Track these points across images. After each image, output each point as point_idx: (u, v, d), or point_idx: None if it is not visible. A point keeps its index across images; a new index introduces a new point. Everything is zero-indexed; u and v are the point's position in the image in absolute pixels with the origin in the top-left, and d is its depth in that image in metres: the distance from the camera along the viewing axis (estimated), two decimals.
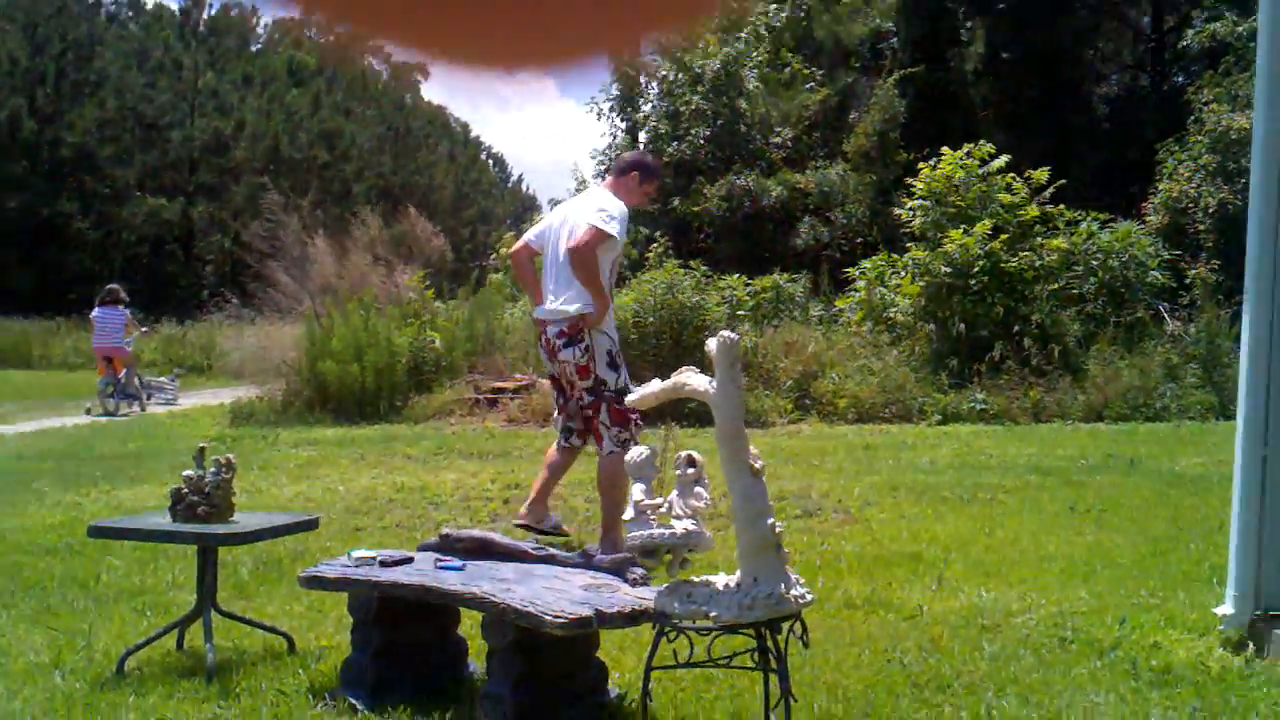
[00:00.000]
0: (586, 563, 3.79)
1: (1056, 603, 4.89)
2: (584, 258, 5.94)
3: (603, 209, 6.05)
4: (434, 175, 62.43)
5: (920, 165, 16.14)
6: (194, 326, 31.26)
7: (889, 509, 7.64)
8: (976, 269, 14.42)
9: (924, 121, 22.90)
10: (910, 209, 16.05)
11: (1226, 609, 4.32)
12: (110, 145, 52.59)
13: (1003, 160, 15.57)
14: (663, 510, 3.27)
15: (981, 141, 15.97)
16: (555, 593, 3.45)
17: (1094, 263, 15.24)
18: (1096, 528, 6.83)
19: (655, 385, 3.32)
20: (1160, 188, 18.16)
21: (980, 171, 15.55)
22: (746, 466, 3.07)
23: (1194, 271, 15.94)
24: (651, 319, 13.53)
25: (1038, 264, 14.75)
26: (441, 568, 3.79)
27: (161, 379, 17.30)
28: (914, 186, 16.11)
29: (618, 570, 3.75)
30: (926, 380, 13.82)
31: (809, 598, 3.12)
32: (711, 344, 3.13)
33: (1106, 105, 25.66)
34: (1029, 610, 4.76)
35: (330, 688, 3.80)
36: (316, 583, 3.82)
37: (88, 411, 14.83)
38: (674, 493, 3.23)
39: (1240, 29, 20.64)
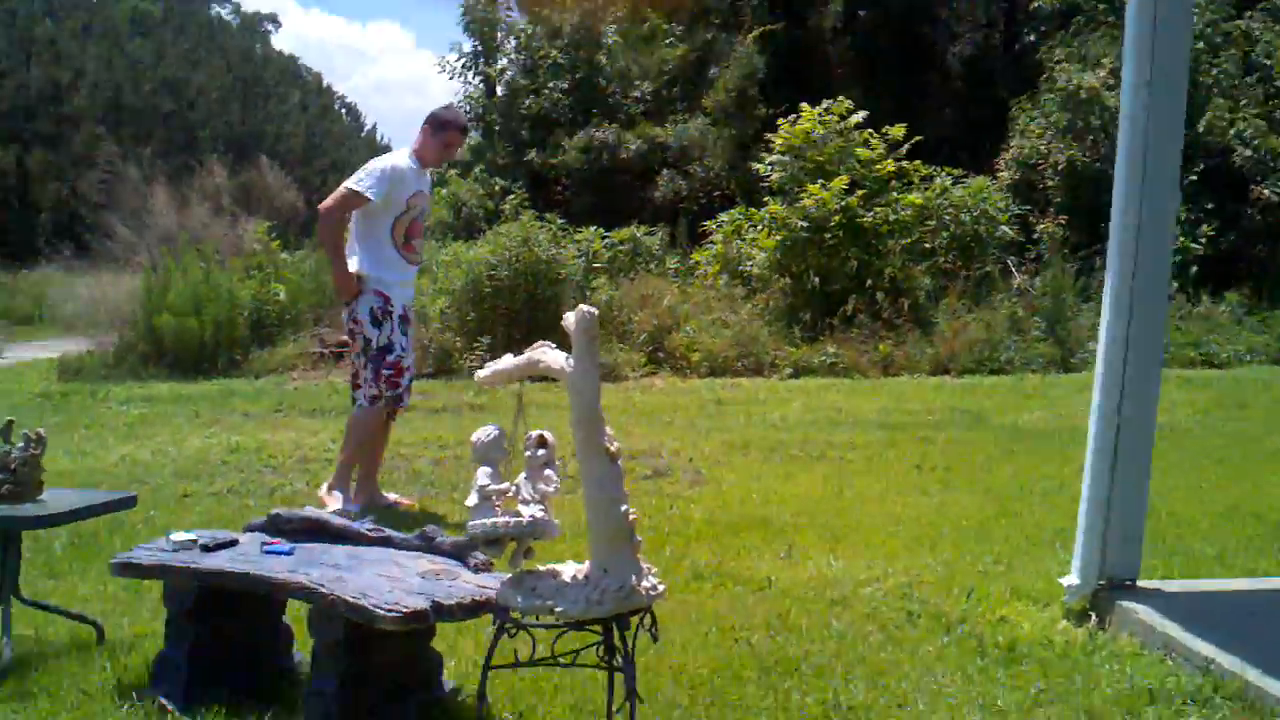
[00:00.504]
0: (427, 546, 3.58)
1: (904, 571, 4.84)
2: (324, 221, 6.18)
3: (363, 169, 6.17)
4: (284, 125, 60.63)
5: (780, 121, 16.09)
6: (26, 276, 29.92)
7: (739, 468, 7.57)
8: (833, 223, 14.45)
9: (783, 78, 22.89)
10: (769, 164, 16.02)
11: (1072, 579, 4.30)
12: None
13: (860, 116, 15.62)
14: (509, 494, 3.07)
15: (839, 98, 16.00)
16: (390, 580, 3.24)
17: (946, 217, 15.40)
18: (943, 488, 6.85)
19: (507, 361, 3.11)
20: (1012, 144, 18.43)
21: (838, 127, 15.57)
22: (602, 450, 2.88)
23: (1042, 226, 16.25)
24: (507, 272, 13.24)
25: (892, 219, 14.85)
26: (268, 551, 3.54)
27: None
28: (773, 142, 16.08)
29: (459, 554, 3.54)
30: (780, 334, 13.83)
31: (660, 589, 2.96)
32: (569, 319, 2.93)
33: (961, 64, 25.94)
34: (877, 580, 4.70)
35: (140, 685, 3.53)
36: (131, 570, 3.54)
37: None
38: (522, 475, 3.03)
39: None
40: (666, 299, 14.32)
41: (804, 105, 16.02)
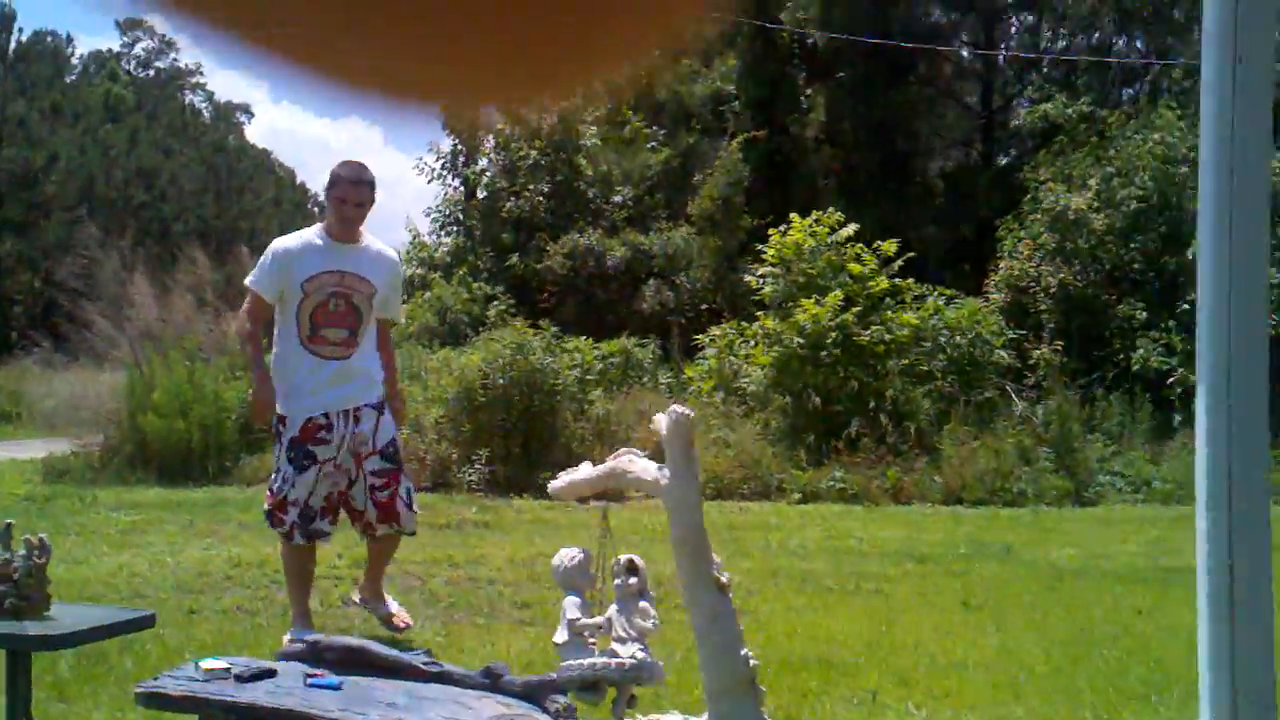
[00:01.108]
0: (493, 684, 3.18)
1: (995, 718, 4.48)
2: (236, 329, 5.89)
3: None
4: (258, 220, 60.39)
5: (770, 231, 15.96)
6: (1, 371, 29.21)
7: (773, 599, 7.23)
8: (829, 340, 14.24)
9: (767, 187, 22.92)
10: (761, 276, 15.86)
11: None
12: None
13: (851, 229, 15.51)
14: (603, 630, 2.70)
15: (830, 209, 15.92)
16: None
17: (942, 339, 15.24)
18: (997, 628, 6.50)
19: (586, 471, 2.78)
20: (1001, 265, 18.37)
21: (829, 240, 15.45)
22: (711, 581, 2.54)
23: (1038, 352, 16.09)
24: (501, 381, 12.89)
25: (888, 338, 14.66)
26: (313, 684, 3.14)
27: None
28: (764, 253, 15.94)
29: (530, 695, 3.14)
30: (783, 455, 13.51)
31: None
32: (661, 421, 2.60)
33: (942, 179, 26.14)
34: None
35: None
36: (158, 701, 3.14)
37: None
38: (613, 608, 2.67)
39: (1070, 110, 21.24)
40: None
41: (794, 215, 15.90)
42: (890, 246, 15.47)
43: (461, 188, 24.91)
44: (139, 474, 12.19)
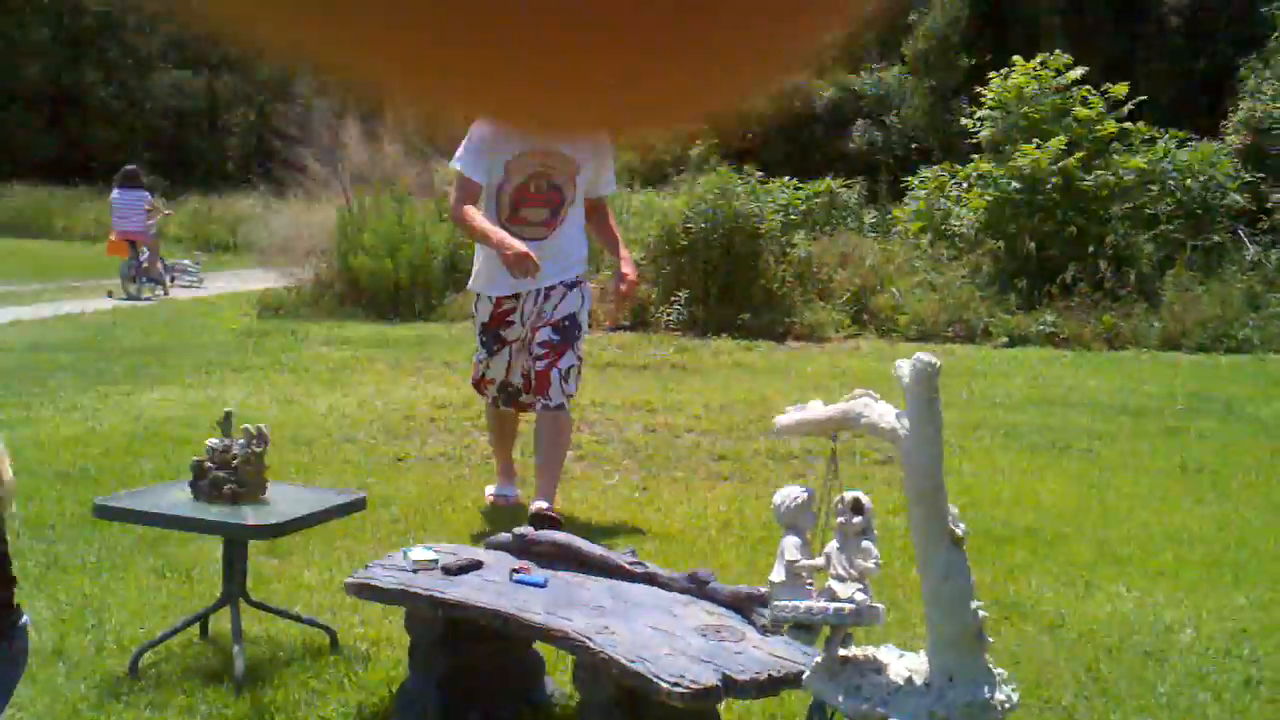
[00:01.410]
0: (699, 590, 3.08)
1: (1218, 613, 4.19)
2: (453, 217, 5.55)
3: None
4: None
5: (990, 74, 15.13)
6: (219, 202, 30.54)
7: (979, 458, 6.95)
8: (1049, 185, 13.52)
9: (986, 27, 21.75)
10: (978, 119, 15.12)
11: None
12: (133, 14, 51.28)
13: (1079, 72, 14.59)
14: (821, 569, 2.54)
15: (1057, 51, 14.98)
16: (666, 637, 2.75)
17: (1170, 183, 14.33)
18: (1217, 496, 6.12)
19: (816, 410, 2.58)
20: (1241, 106, 17.06)
21: (1054, 83, 14.57)
22: (946, 533, 2.34)
23: (1277, 195, 15.00)
24: (704, 225, 12.69)
25: (1113, 183, 13.85)
26: (519, 581, 3.09)
27: (184, 261, 16.59)
28: (983, 95, 15.17)
29: (738, 606, 3.01)
30: (992, 299, 13.03)
31: (1014, 701, 2.37)
32: (903, 368, 2.37)
33: (1179, 16, 24.31)
34: (1187, 625, 4.06)
35: (380, 710, 3.15)
36: (368, 592, 3.13)
37: (109, 295, 14.16)
38: (833, 543, 2.51)
39: None
40: (869, 258, 13.64)
41: (1016, 58, 15.04)
42: (1121, 89, 14.50)
43: None
44: (348, 310, 12.54)
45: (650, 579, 3.15)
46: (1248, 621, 4.11)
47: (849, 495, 2.54)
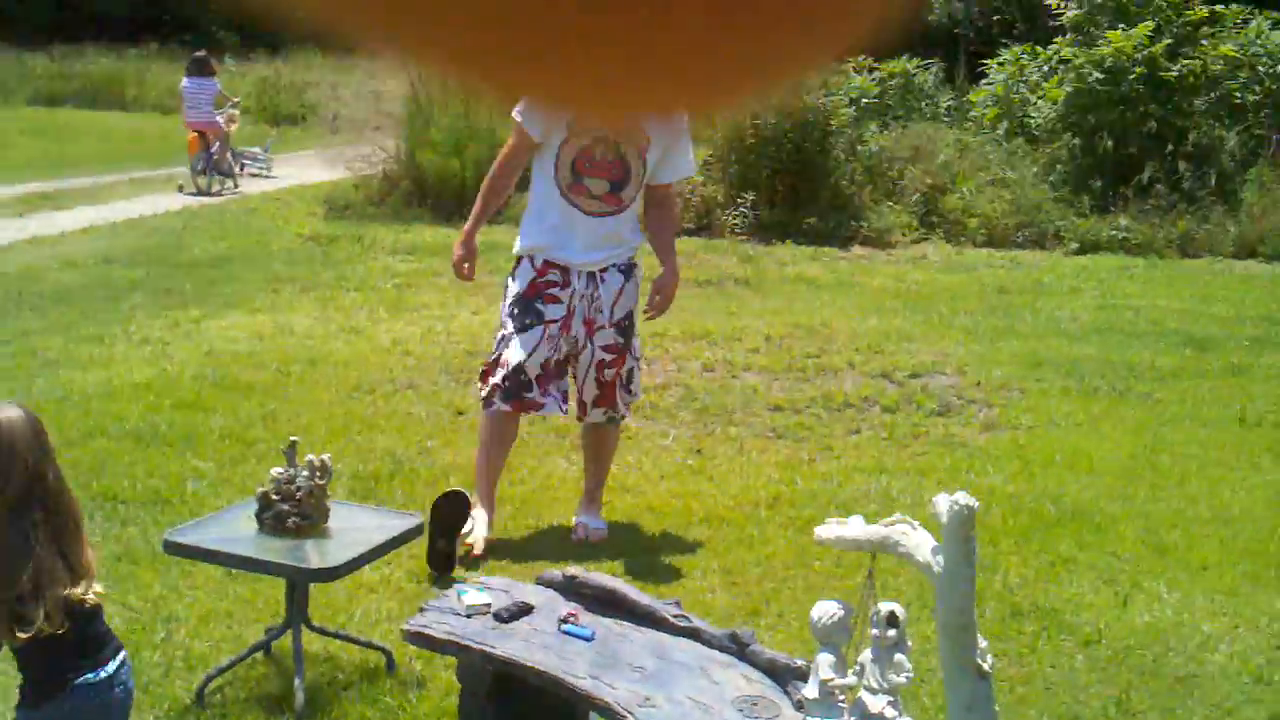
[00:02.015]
0: (740, 651, 3.17)
1: (1258, 624, 4.23)
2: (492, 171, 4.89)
3: None
4: None
5: None
6: (289, 62, 30.45)
7: (1035, 404, 6.95)
8: (1133, 76, 13.11)
9: None
10: (1064, 0, 14.61)
11: None
12: None
13: None
14: (852, 685, 2.63)
15: None
16: (704, 711, 2.86)
17: (1261, 69, 13.83)
18: (1273, 459, 6.09)
19: (856, 528, 2.63)
20: None
21: None
22: (973, 667, 2.41)
23: None
24: (772, 120, 12.50)
25: (1200, 71, 13.39)
26: (567, 632, 3.21)
27: (254, 149, 16.66)
28: None
29: (775, 673, 3.07)
30: (1065, 200, 12.78)
31: None
32: (940, 505, 2.41)
33: None
34: (1227, 638, 4.11)
35: None
36: (423, 641, 3.27)
37: (180, 189, 14.31)
38: (867, 654, 2.59)
39: None
40: (941, 155, 13.40)
41: None
42: None
43: None
44: (414, 210, 12.59)
45: (694, 634, 3.25)
46: None
47: (884, 608, 2.61)
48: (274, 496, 3.65)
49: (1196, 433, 6.48)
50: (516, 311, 4.65)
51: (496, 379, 4.65)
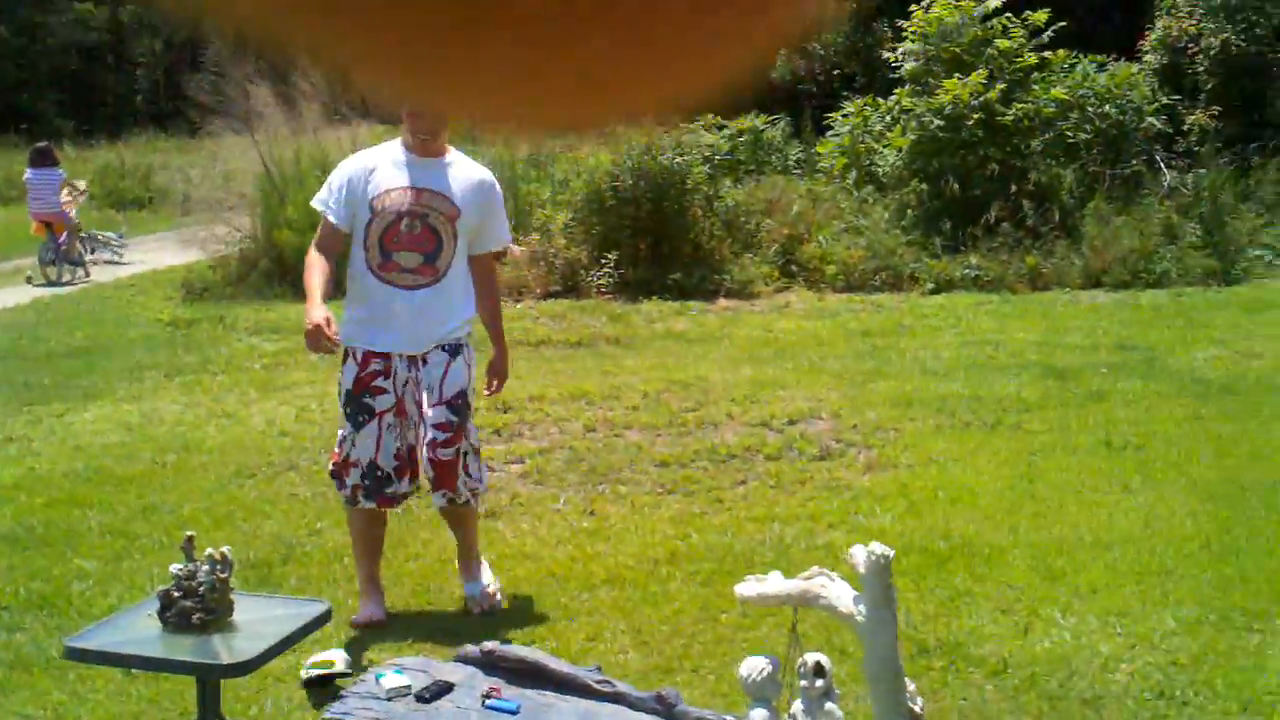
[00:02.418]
0: (667, 712, 3.19)
1: (1149, 642, 4.38)
2: (308, 259, 4.68)
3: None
4: None
5: (913, 7, 15.08)
6: (130, 144, 29.88)
7: (911, 441, 7.13)
8: (971, 121, 13.62)
9: None
10: (901, 54, 15.12)
11: None
12: None
13: (999, 0, 14.59)
14: None
15: None
16: None
17: (1090, 109, 14.47)
18: (1142, 480, 6.33)
19: (776, 584, 2.67)
20: (1158, 24, 17.15)
21: (975, 13, 14.58)
22: (905, 710, 2.46)
23: (1192, 118, 15.21)
24: (630, 181, 12.65)
25: (1034, 113, 13.98)
26: (491, 707, 3.18)
27: (107, 233, 16.26)
28: (904, 29, 15.15)
29: None
30: (917, 243, 13.18)
31: None
32: (858, 555, 2.47)
33: None
34: (1123, 660, 4.25)
35: None
36: None
37: (28, 280, 13.89)
38: (798, 704, 2.63)
39: None
40: (795, 206, 13.71)
41: None
42: (1040, 16, 14.53)
43: None
44: (275, 288, 12.41)
45: (617, 698, 3.25)
46: (1179, 651, 4.31)
47: (810, 659, 2.65)
48: (175, 593, 3.55)
49: (1068, 460, 6.71)
50: (350, 411, 4.62)
51: (354, 479, 4.60)
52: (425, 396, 4.56)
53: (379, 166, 4.58)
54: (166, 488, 6.34)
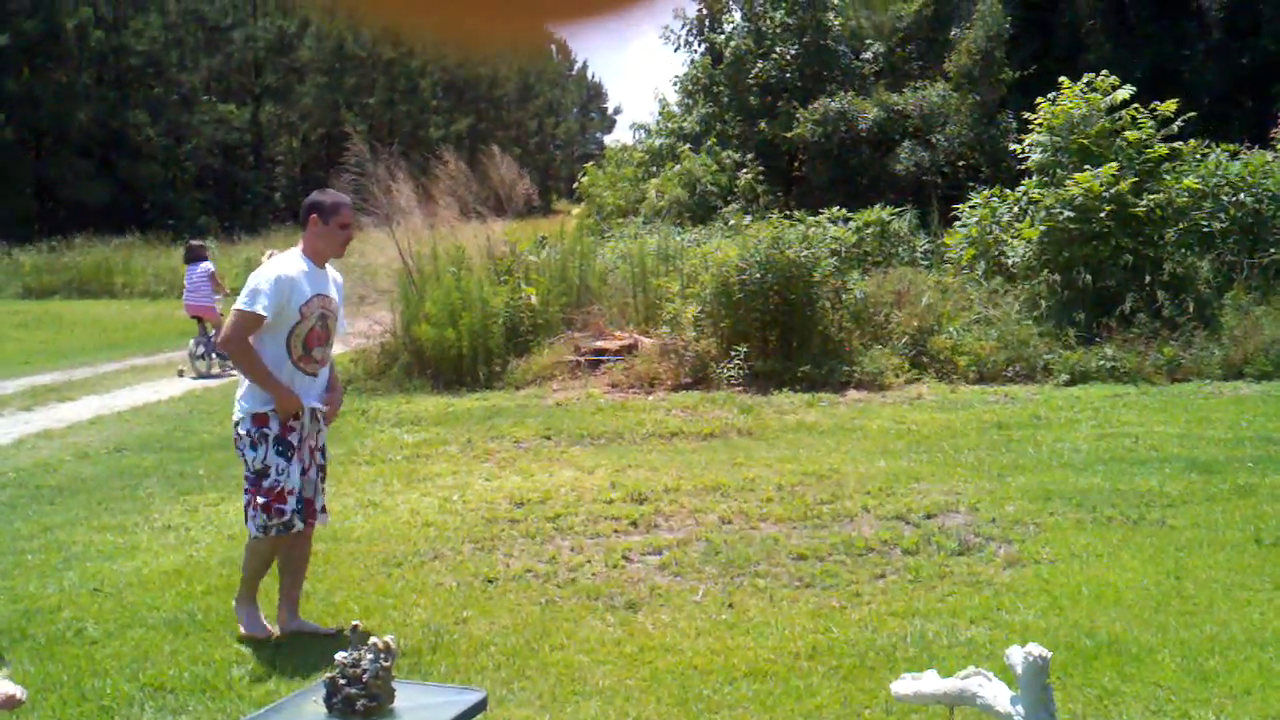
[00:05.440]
0: None
1: None
2: (231, 350, 5.57)
3: (250, 282, 5.48)
4: (498, 66, 62.49)
5: (1039, 100, 15.10)
6: (270, 240, 31.01)
7: (1054, 539, 7.02)
8: (1103, 212, 13.52)
9: (1027, 33, 21.67)
10: (1028, 145, 15.12)
11: None
12: (175, 50, 52.21)
13: (1126, 92, 14.54)
14: None
15: (1104, 72, 14.94)
16: None
17: (1225, 198, 14.28)
18: None
19: (932, 683, 2.72)
20: None
21: (1104, 105, 14.54)
22: None
23: None
24: (758, 274, 12.80)
25: (1167, 204, 13.84)
26: None
27: None
28: (1030, 121, 15.17)
29: None
30: (1050, 334, 13.07)
31: None
32: (1014, 656, 2.51)
33: (1219, 10, 24.09)
34: None
35: None
36: None
37: (180, 374, 14.50)
38: None
39: None
40: (925, 297, 13.71)
41: (1063, 80, 15.02)
42: (1169, 106, 14.45)
43: (708, 54, 24.57)
44: (414, 381, 12.77)
45: None
46: None
47: None
48: (340, 681, 3.70)
49: (1216, 556, 6.57)
50: (281, 449, 5.54)
51: (291, 505, 5.57)
52: (318, 438, 5.77)
53: (301, 279, 5.52)
54: (318, 576, 6.54)
